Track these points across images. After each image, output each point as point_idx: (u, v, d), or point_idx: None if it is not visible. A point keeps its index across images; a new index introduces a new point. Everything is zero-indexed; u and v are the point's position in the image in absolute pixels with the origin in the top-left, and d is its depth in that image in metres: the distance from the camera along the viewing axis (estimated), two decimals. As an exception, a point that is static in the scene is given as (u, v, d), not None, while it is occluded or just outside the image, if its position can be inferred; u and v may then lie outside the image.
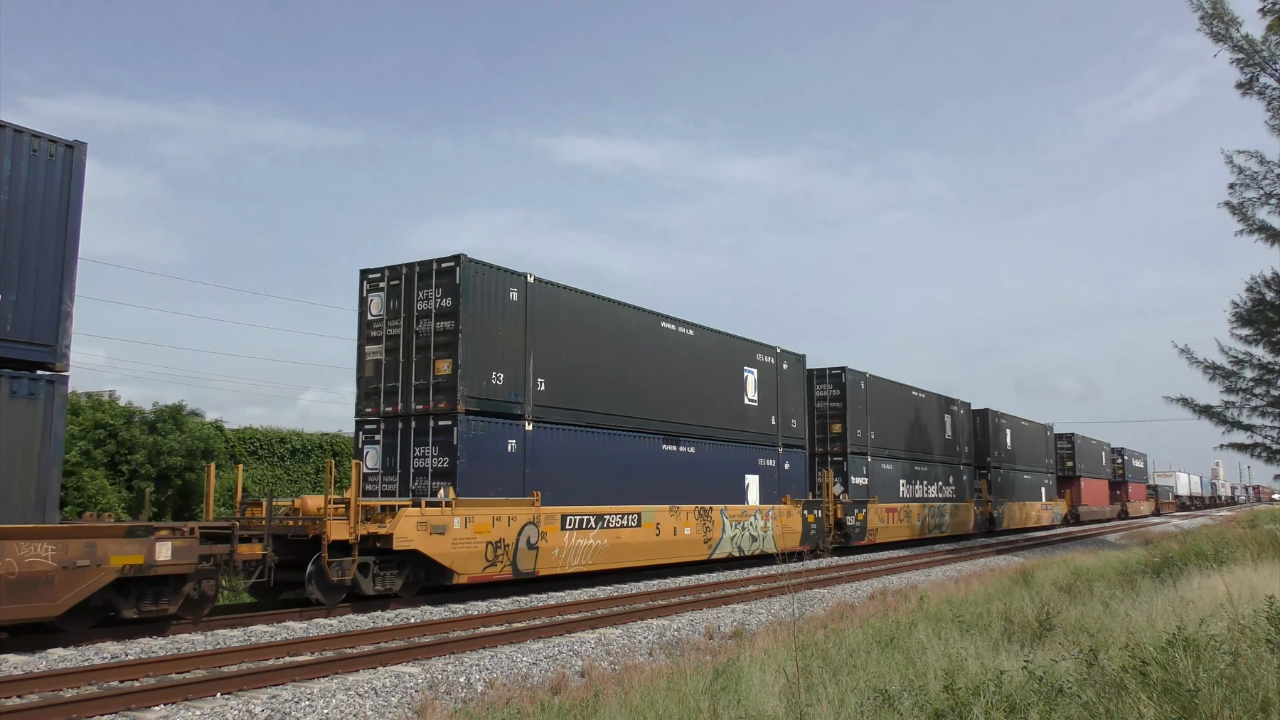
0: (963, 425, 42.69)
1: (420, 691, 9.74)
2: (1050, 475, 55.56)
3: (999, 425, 46.85)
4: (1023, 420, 51.18)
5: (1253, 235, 25.03)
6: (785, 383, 28.13)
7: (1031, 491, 51.17)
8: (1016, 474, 48.65)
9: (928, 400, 39.40)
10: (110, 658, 11.25)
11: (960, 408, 42.60)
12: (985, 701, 6.29)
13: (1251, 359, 26.37)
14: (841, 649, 10.09)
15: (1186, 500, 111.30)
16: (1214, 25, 24.04)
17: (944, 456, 40.02)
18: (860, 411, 32.94)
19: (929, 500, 37.84)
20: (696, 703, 7.35)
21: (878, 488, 33.43)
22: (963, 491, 41.68)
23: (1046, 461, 55.20)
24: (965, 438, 42.87)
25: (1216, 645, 7.03)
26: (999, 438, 46.69)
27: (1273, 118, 24.17)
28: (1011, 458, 48.10)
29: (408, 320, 18.11)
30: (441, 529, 16.11)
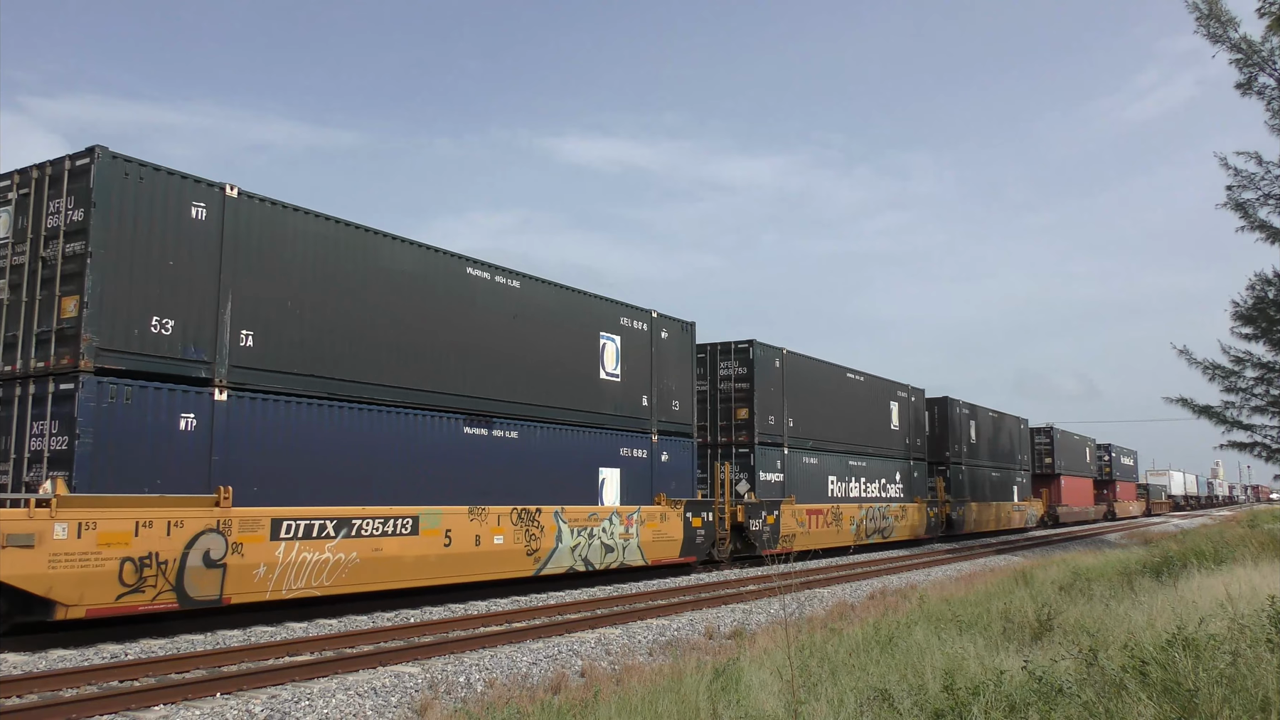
0: (913, 415, 37.25)
1: (420, 691, 9.74)
2: (1024, 473, 50.50)
3: (960, 416, 41.63)
4: (991, 411, 45.84)
5: (1253, 232, 25.02)
6: (664, 355, 23.09)
7: (1000, 490, 46.11)
8: (982, 471, 43.49)
9: (867, 384, 34.19)
10: (110, 657, 11.24)
11: (911, 395, 37.20)
12: (985, 701, 6.29)
13: (1252, 358, 26.36)
14: (841, 649, 10.09)
15: (1181, 500, 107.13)
16: (1210, 26, 24.03)
17: (887, 450, 34.54)
18: (774, 394, 27.56)
19: (867, 500, 32.66)
20: (696, 702, 7.36)
21: (797, 485, 28.13)
22: (912, 490, 36.32)
23: (1020, 458, 50.02)
24: (917, 429, 37.74)
25: (1216, 645, 7.03)
26: (960, 430, 41.47)
27: (1272, 118, 24.16)
28: (976, 453, 42.87)
29: (34, 244, 13.04)
30: (27, 540, 10.93)
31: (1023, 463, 50.48)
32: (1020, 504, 48.88)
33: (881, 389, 35.47)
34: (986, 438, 44.81)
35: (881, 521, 33.34)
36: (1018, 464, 49.51)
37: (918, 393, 37.94)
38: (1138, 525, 61.15)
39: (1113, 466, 71.35)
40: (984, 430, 44.53)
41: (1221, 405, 26.74)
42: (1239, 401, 26.53)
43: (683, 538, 22.73)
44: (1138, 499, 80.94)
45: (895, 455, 35.24)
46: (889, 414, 35.43)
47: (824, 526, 29.26)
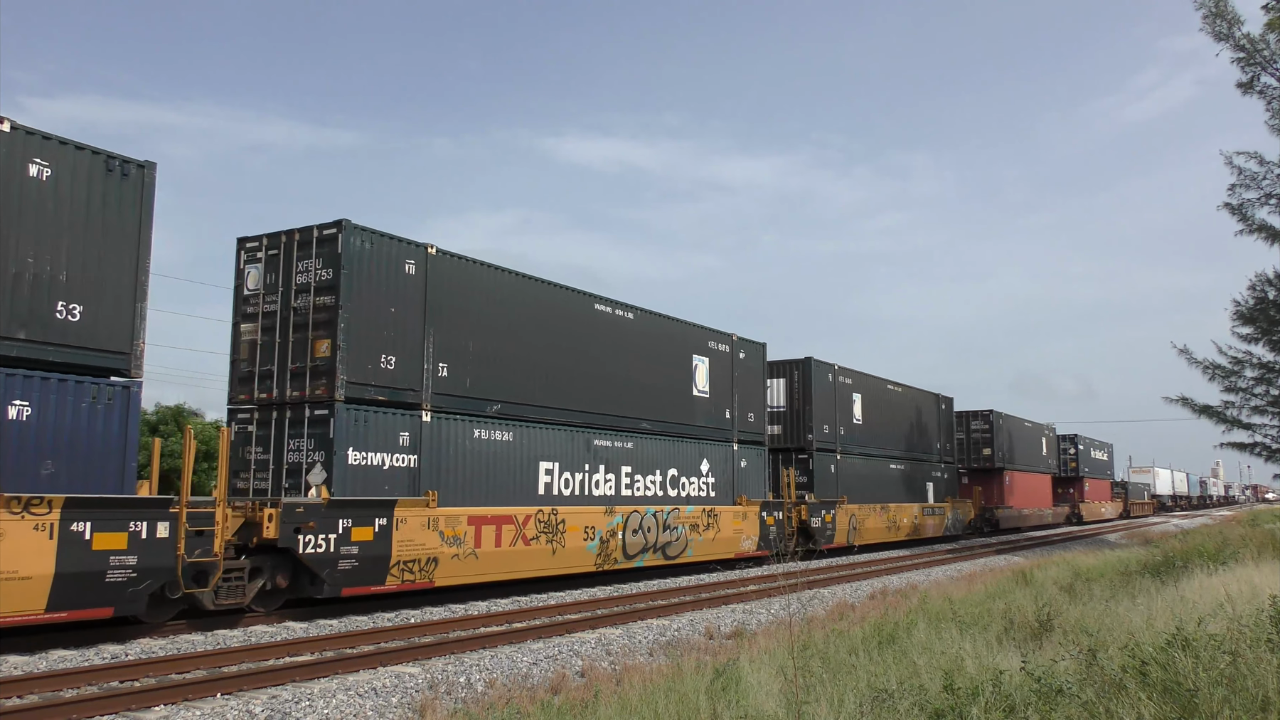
0: (749, 382, 26.79)
1: (420, 691, 9.74)
2: (945, 466, 40.28)
3: (835, 388, 31.38)
4: (891, 385, 36.30)
5: (1253, 235, 25.04)
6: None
7: (906, 488, 36.34)
8: (873, 463, 33.69)
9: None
10: (110, 658, 11.24)
11: (739, 348, 26.42)
12: (984, 701, 6.29)
13: (1252, 358, 26.37)
14: (841, 648, 10.09)
15: (1168, 500, 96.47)
16: (1216, 24, 24.05)
17: (689, 429, 24.09)
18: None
19: (652, 501, 23.59)
20: (696, 702, 7.35)
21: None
22: (725, 491, 25.23)
23: (941, 447, 40.09)
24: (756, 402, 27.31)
25: (1217, 645, 7.02)
26: (833, 406, 31.16)
27: (1273, 117, 24.19)
28: (862, 438, 32.96)
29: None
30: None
31: (945, 453, 40.67)
32: (937, 506, 38.62)
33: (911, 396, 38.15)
34: (880, 419, 34.70)
35: (671, 536, 22.85)
36: (936, 455, 39.60)
37: (751, 345, 27.06)
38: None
39: (1079, 461, 60.92)
40: (876, 409, 34.50)
41: (1222, 405, 26.76)
42: (1239, 401, 26.56)
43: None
44: (1113, 499, 70.38)
45: (709, 435, 24.71)
46: (692, 373, 25.30)
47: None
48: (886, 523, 33.82)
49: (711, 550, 23.80)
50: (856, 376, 33.48)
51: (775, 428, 29.70)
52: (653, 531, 21.88)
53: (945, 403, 41.85)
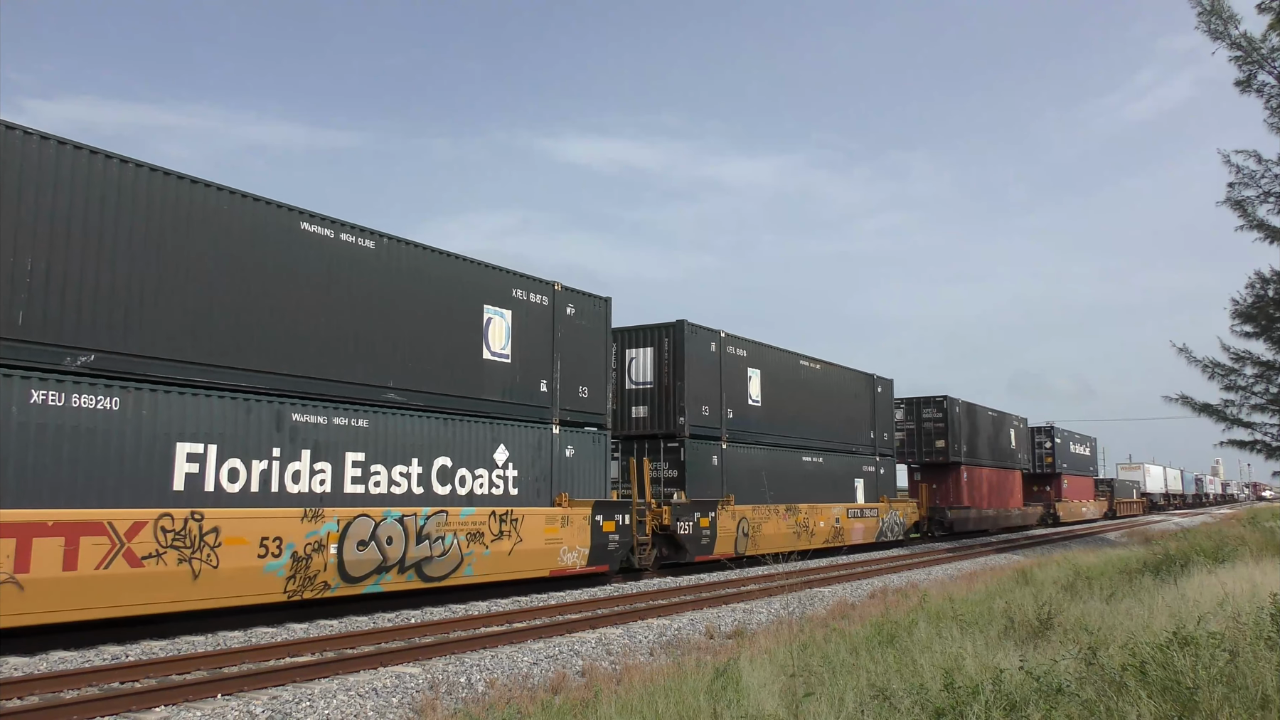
0: (583, 347, 21.11)
1: (421, 692, 9.75)
2: (881, 460, 34.62)
3: (721, 362, 25.53)
4: (806, 361, 30.22)
5: (1252, 231, 25.07)
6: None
7: (830, 486, 30.38)
8: (778, 455, 27.72)
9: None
10: (111, 659, 11.25)
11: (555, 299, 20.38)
12: (985, 700, 6.29)
13: (1251, 356, 26.38)
14: (842, 648, 10.10)
15: (1160, 499, 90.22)
16: (1212, 23, 24.06)
17: (474, 404, 18.26)
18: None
19: None
20: (696, 702, 7.36)
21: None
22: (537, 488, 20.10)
23: (874, 437, 34.29)
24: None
25: (1216, 643, 7.03)
26: (717, 384, 25.26)
27: (1270, 115, 24.20)
28: (760, 426, 27.06)
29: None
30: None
31: (881, 445, 35.03)
32: (868, 507, 32.91)
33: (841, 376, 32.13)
34: (788, 402, 28.75)
35: (433, 549, 18.29)
36: (869, 446, 34.08)
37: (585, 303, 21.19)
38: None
39: (1056, 456, 55.30)
40: (782, 389, 28.54)
41: (1221, 403, 26.77)
42: (1239, 400, 26.56)
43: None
44: (1096, 498, 64.90)
45: (510, 414, 18.91)
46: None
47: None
48: (794, 528, 27.45)
49: (508, 567, 17.74)
50: (754, 349, 27.16)
51: (640, 409, 24.25)
52: (398, 543, 15.66)
53: (883, 385, 35.28)
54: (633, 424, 24.44)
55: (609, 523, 20.46)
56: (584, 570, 19.73)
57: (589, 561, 19.82)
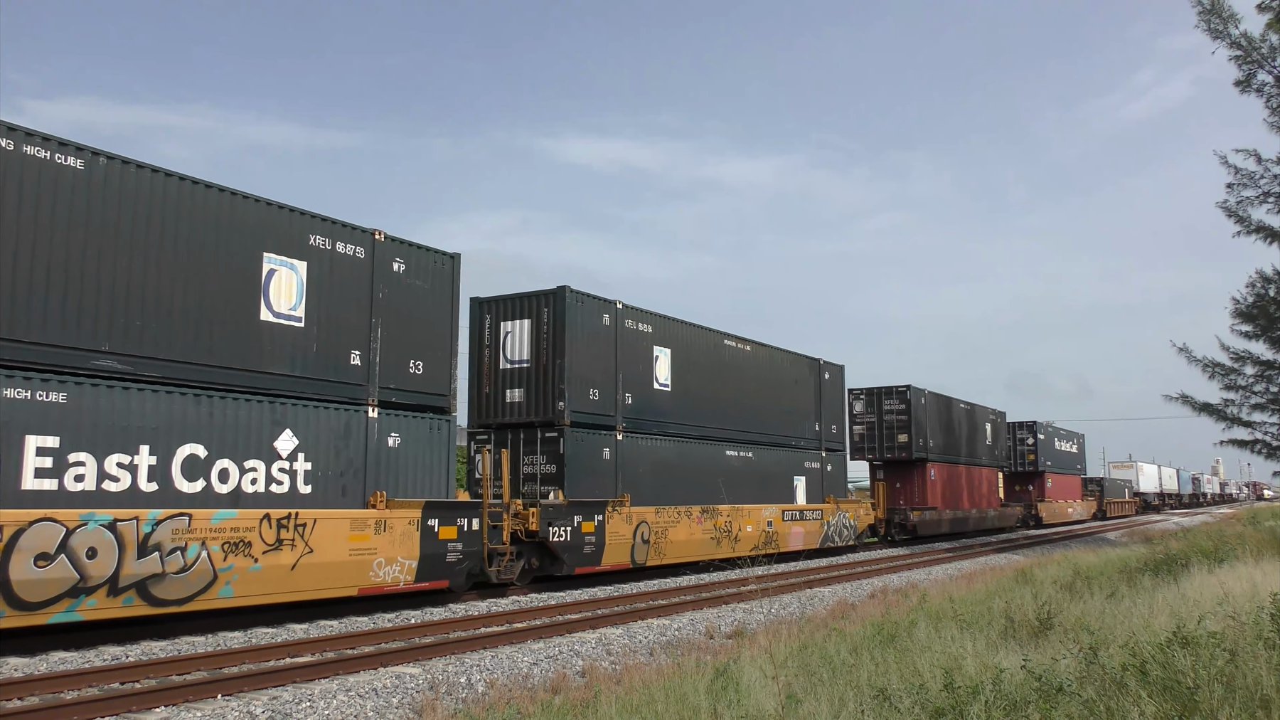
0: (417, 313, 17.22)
1: (421, 692, 9.75)
2: (824, 456, 30.33)
3: (617, 338, 21.85)
4: (731, 340, 26.18)
5: (1250, 236, 25.07)
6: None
7: (752, 484, 26.05)
8: (684, 450, 23.64)
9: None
10: (111, 659, 11.25)
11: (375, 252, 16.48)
12: (985, 700, 6.29)
13: (1251, 355, 26.38)
14: (842, 648, 10.09)
15: (1154, 499, 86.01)
16: (1211, 22, 24.07)
17: (249, 377, 14.75)
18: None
19: None
20: (697, 702, 7.36)
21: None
22: (343, 486, 16.09)
23: (819, 429, 30.31)
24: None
25: (1216, 643, 7.03)
26: (611, 364, 21.59)
27: (1270, 115, 24.21)
28: (669, 414, 23.26)
29: None
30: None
31: (829, 439, 31.04)
32: (810, 509, 28.71)
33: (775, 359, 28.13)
34: (707, 387, 24.79)
35: (165, 564, 13.83)
36: (814, 440, 30.10)
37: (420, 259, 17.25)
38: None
39: (1039, 453, 51.60)
40: (699, 372, 24.56)
41: (1221, 403, 26.78)
42: (1239, 399, 26.57)
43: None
44: (1084, 497, 61.21)
45: (303, 391, 15.12)
46: None
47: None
48: (712, 533, 23.72)
49: (291, 586, 13.88)
50: (662, 324, 23.29)
51: (515, 393, 20.54)
52: (107, 557, 11.75)
53: (831, 371, 31.36)
54: (506, 410, 20.66)
55: (448, 528, 16.43)
56: (411, 587, 15.82)
57: (419, 576, 15.87)
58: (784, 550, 27.01)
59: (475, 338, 21.47)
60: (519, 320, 20.91)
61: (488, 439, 20.56)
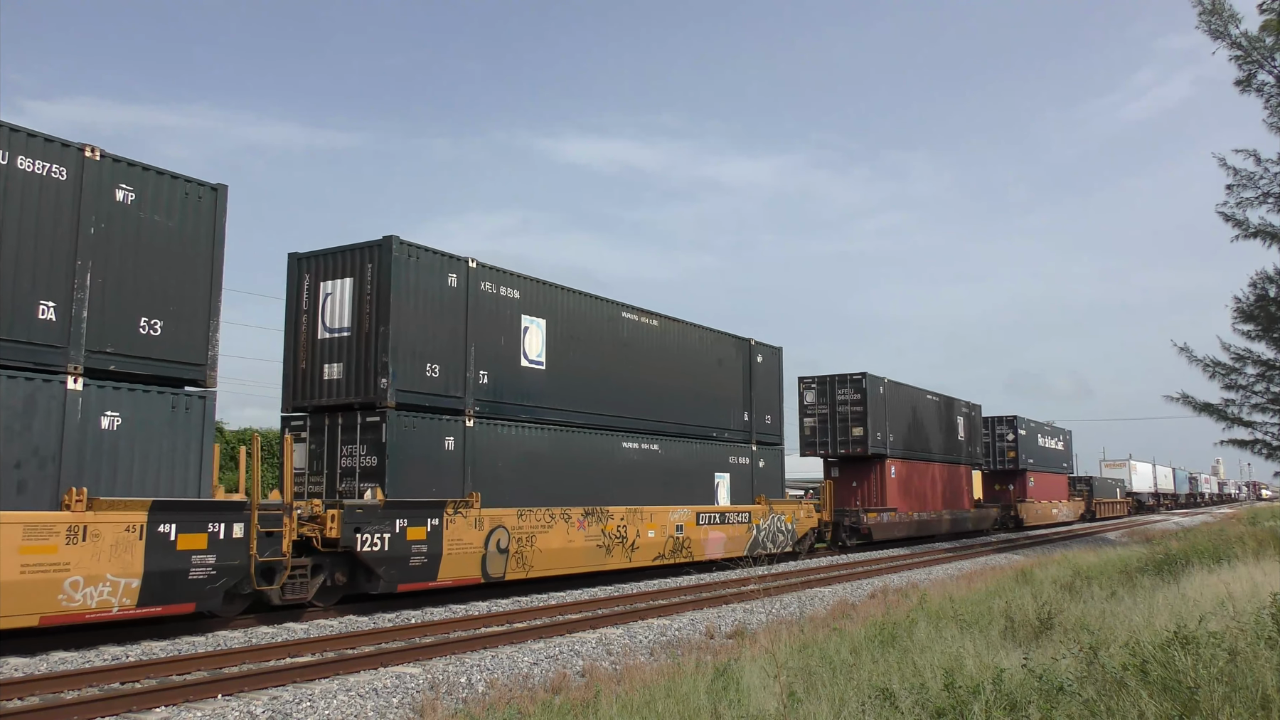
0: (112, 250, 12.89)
1: (421, 692, 9.75)
2: (754, 451, 26.35)
3: (470, 302, 18.18)
4: (635, 315, 22.66)
5: (1249, 240, 25.07)
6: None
7: (657, 483, 22.49)
8: (561, 440, 19.90)
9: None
10: (111, 659, 11.24)
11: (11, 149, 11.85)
12: (986, 700, 6.29)
13: (1252, 355, 26.37)
14: (843, 648, 10.09)
15: (1148, 499, 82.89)
16: (1212, 22, 24.06)
17: None
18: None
19: None
20: (697, 702, 7.36)
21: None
22: None
23: (749, 419, 26.26)
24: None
25: (1217, 643, 7.03)
26: (460, 334, 17.93)
27: (1270, 115, 24.21)
28: (541, 396, 19.62)
29: None
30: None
31: (763, 430, 27.10)
32: (735, 511, 24.73)
33: None
34: (593, 364, 21.01)
35: None
36: (743, 431, 26.24)
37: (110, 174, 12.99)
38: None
39: (1019, 450, 48.08)
40: (583, 347, 20.77)
41: (1222, 403, 26.78)
42: (1239, 399, 26.57)
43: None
44: (1071, 498, 58.36)
45: None
46: None
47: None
48: (599, 539, 19.89)
49: None
50: (535, 290, 19.54)
51: (334, 368, 16.84)
52: None
53: (765, 354, 27.44)
54: (324, 389, 16.96)
55: (192, 536, 12.62)
56: (131, 614, 12.00)
57: (144, 598, 12.06)
58: (699, 559, 23.29)
59: (292, 302, 17.70)
60: (341, 280, 17.18)
61: (303, 425, 17.01)
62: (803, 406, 34.07)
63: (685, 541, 22.80)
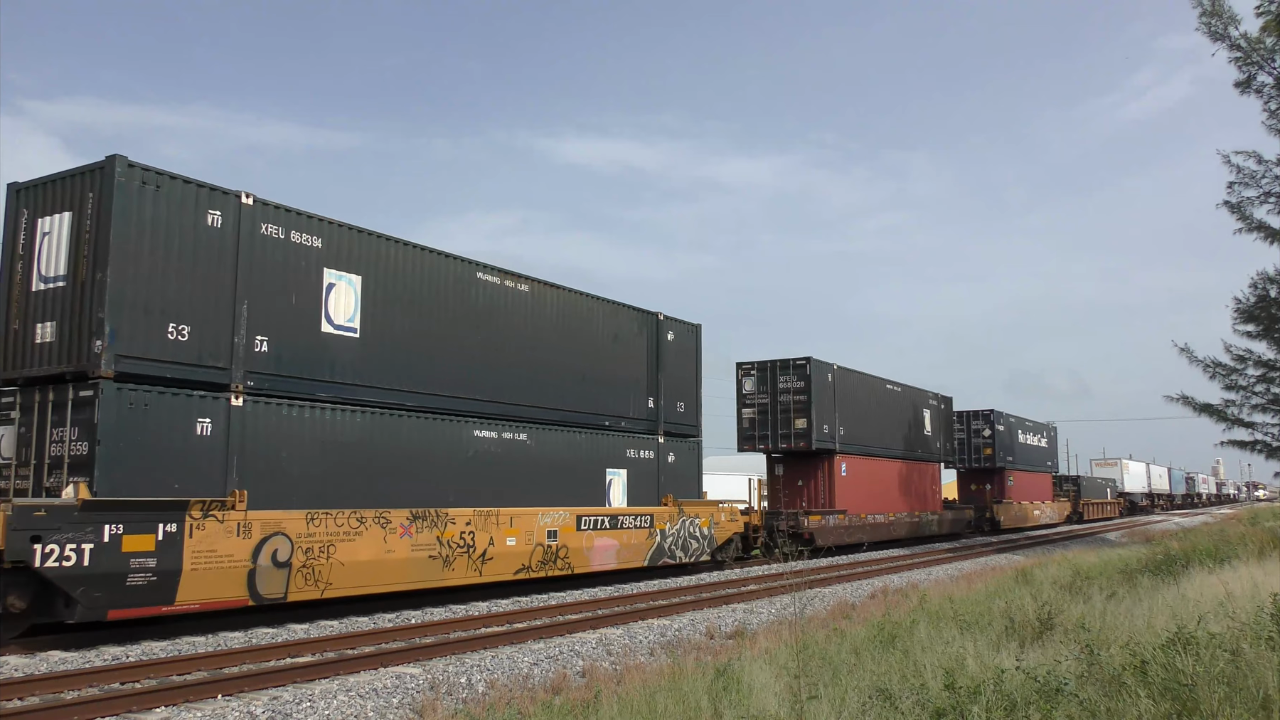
0: None
1: (421, 692, 9.75)
2: (662, 444, 22.74)
3: (239, 245, 14.16)
4: (493, 276, 18.67)
5: (1251, 234, 25.09)
6: None
7: (560, 480, 19.51)
8: (376, 424, 15.90)
9: None
10: (111, 659, 11.24)
11: None
12: (986, 700, 6.29)
13: (1253, 355, 26.37)
14: (843, 648, 10.09)
15: (1141, 499, 79.15)
16: (1212, 24, 24.07)
17: None
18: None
19: None
20: (697, 702, 7.36)
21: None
22: None
23: (655, 406, 22.73)
24: None
25: (1217, 643, 7.03)
26: (229, 286, 14.00)
27: (1269, 117, 24.21)
28: (352, 370, 15.72)
29: None
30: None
31: (674, 420, 23.27)
32: (631, 513, 21.11)
33: None
34: (441, 334, 17.42)
35: None
36: (648, 420, 22.45)
37: None
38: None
39: (997, 447, 44.46)
40: (416, 310, 17.09)
41: (1222, 403, 26.77)
42: (1240, 399, 26.56)
43: None
44: (1056, 498, 55.36)
45: None
46: None
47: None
48: (432, 549, 16.17)
49: None
50: (342, 238, 15.75)
51: (46, 327, 13.21)
52: None
53: (677, 331, 23.64)
54: (36, 355, 13.30)
55: None
56: None
57: None
58: (582, 571, 19.51)
59: (7, 245, 13.90)
60: (59, 215, 13.43)
61: (12, 403, 13.26)
62: (741, 396, 30.33)
63: (561, 551, 18.96)
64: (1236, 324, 26.54)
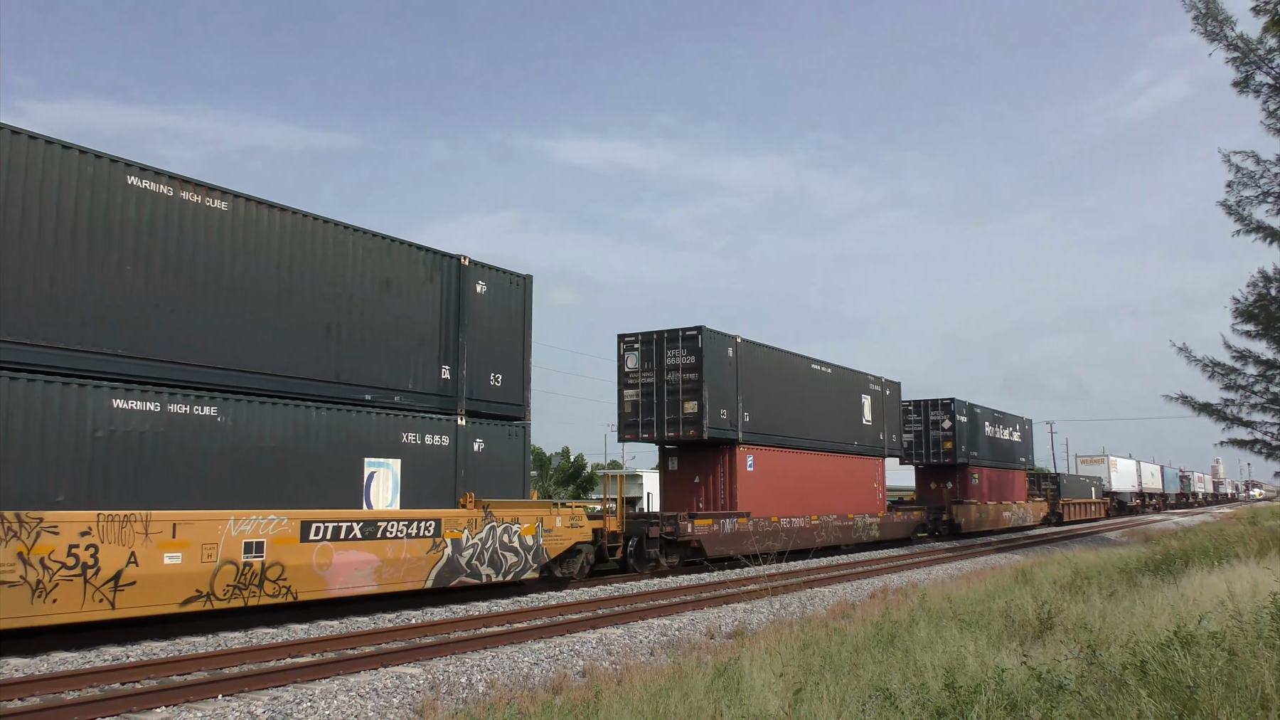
0: None
1: (421, 692, 9.75)
2: (457, 428, 17.42)
3: None
4: (162, 185, 13.00)
5: (1250, 235, 25.13)
6: None
7: (285, 475, 14.35)
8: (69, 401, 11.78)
9: None
10: (112, 660, 11.25)
11: None
12: (986, 699, 6.30)
13: (1253, 355, 26.40)
14: (843, 647, 10.11)
15: (1130, 499, 73.92)
16: (1208, 25, 24.11)
17: None
18: None
19: None
20: (698, 702, 7.37)
21: None
22: None
23: (452, 379, 17.45)
24: None
25: (1216, 642, 7.04)
26: None
27: (1267, 116, 24.26)
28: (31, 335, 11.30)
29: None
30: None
31: (483, 398, 18.33)
32: (399, 521, 15.74)
33: None
34: (96, 262, 12.33)
35: None
36: (438, 397, 17.37)
37: None
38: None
39: (958, 441, 39.59)
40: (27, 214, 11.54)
41: (1221, 403, 26.80)
42: (1239, 399, 26.59)
43: None
44: (1031, 498, 50.85)
45: None
46: None
47: None
48: (4, 575, 10.74)
49: None
50: None
51: None
52: None
53: (489, 281, 18.69)
54: None
55: None
56: None
57: None
58: (313, 595, 14.37)
59: None
60: None
61: None
62: (623, 374, 25.36)
63: (271, 570, 13.79)
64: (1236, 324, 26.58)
